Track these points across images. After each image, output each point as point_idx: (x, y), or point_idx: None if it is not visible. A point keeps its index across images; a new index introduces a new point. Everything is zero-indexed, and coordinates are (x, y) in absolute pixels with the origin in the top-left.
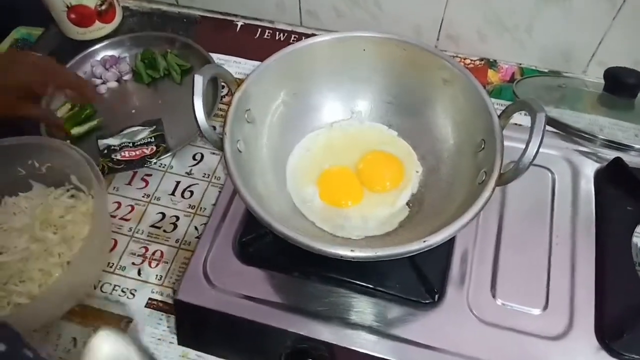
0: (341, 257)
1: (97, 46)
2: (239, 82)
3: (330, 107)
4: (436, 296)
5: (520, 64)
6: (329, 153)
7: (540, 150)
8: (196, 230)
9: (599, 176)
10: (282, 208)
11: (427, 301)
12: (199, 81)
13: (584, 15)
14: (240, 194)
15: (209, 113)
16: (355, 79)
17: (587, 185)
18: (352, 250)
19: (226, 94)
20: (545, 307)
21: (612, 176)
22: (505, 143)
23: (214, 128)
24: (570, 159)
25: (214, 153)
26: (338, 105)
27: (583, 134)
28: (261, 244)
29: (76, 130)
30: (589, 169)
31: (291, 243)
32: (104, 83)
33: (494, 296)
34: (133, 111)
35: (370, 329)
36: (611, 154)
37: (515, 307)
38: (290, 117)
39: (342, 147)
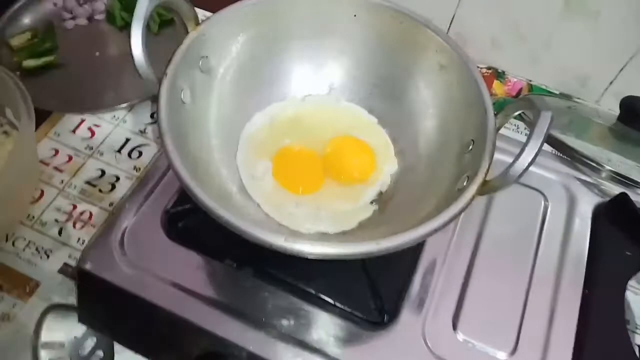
0: (270, 246)
1: None
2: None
3: (305, 77)
4: (386, 316)
5: (530, 81)
6: (295, 129)
7: (537, 170)
8: None
9: (599, 211)
10: (223, 182)
11: (374, 321)
12: (142, 3)
13: (609, 36)
14: (166, 149)
15: None
16: (339, 50)
17: (584, 220)
18: (285, 240)
19: None
20: (513, 352)
21: (614, 214)
22: (496, 156)
23: None
24: (569, 186)
25: None
26: (314, 77)
27: (588, 161)
28: (193, 219)
29: (29, 63)
30: (589, 201)
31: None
32: (72, 19)
33: (455, 328)
34: (97, 54)
35: (303, 344)
36: (616, 190)
37: (478, 346)
38: (256, 77)
39: (312, 125)
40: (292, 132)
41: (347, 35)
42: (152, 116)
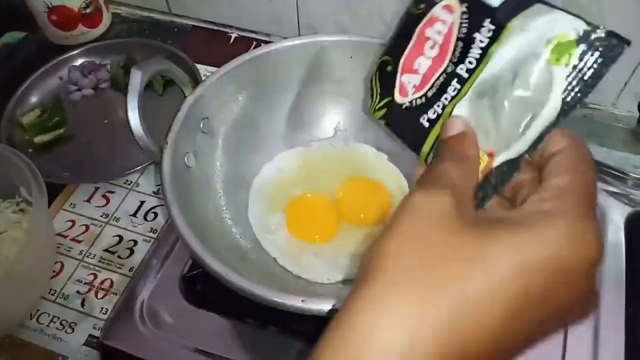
0: (288, 309)
1: (77, 51)
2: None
3: (309, 123)
4: None
5: None
6: (304, 177)
7: None
8: None
9: (632, 222)
10: (237, 240)
11: None
12: (136, 77)
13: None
14: (173, 219)
15: None
16: (340, 92)
17: (617, 234)
18: (302, 301)
19: None
20: None
21: None
22: None
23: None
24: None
25: None
26: (318, 122)
27: (612, 171)
28: (210, 281)
29: (40, 139)
30: (619, 213)
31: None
32: (78, 90)
33: None
34: (105, 121)
35: None
36: None
37: None
38: (259, 130)
39: (321, 170)
40: (302, 180)
41: (347, 77)
42: None
